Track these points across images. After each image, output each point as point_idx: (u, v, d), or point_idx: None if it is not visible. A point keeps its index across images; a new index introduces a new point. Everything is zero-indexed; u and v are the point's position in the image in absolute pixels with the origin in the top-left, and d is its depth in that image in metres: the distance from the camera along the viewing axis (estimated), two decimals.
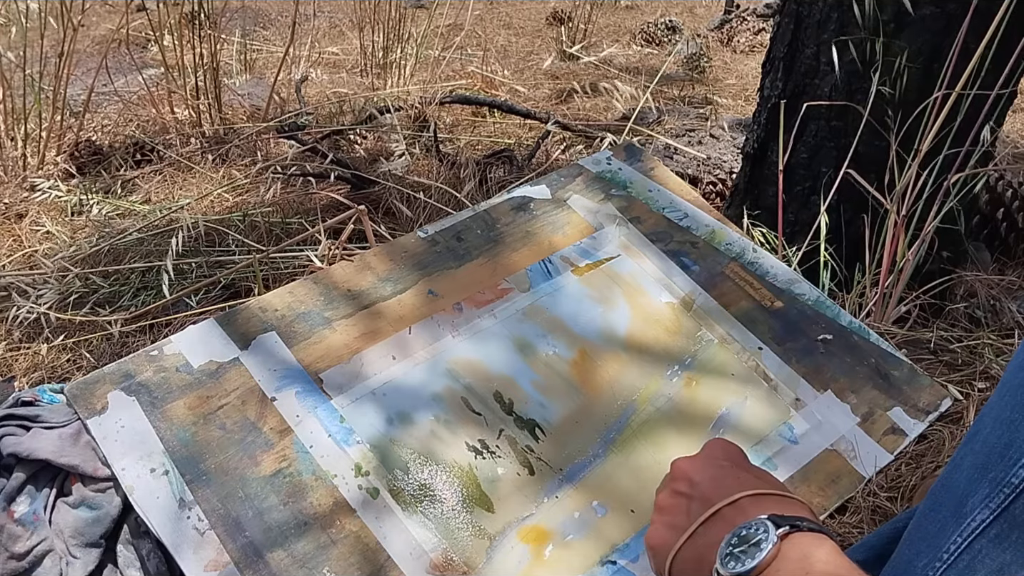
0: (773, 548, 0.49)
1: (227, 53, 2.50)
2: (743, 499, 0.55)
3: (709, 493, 0.56)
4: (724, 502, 0.55)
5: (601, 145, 1.81)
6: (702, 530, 0.55)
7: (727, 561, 0.51)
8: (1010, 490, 0.53)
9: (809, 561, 0.49)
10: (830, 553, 0.49)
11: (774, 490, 0.56)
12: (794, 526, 0.50)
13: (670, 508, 0.59)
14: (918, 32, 1.19)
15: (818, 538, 0.50)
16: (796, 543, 0.50)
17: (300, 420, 0.76)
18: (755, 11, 3.44)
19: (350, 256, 1.03)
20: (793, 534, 0.50)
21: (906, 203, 1.16)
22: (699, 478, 0.58)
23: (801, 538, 0.50)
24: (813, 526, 0.51)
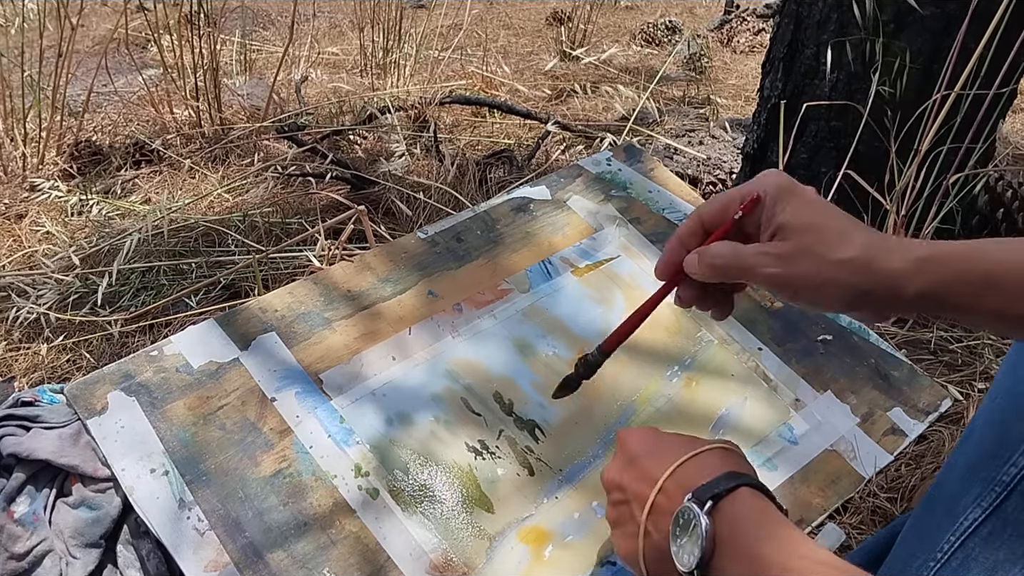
0: (710, 534, 0.51)
1: (227, 53, 2.50)
2: (666, 484, 0.56)
3: (637, 491, 0.57)
4: (652, 495, 0.56)
5: (601, 146, 1.81)
6: (651, 527, 0.56)
7: (680, 556, 0.53)
8: (1001, 488, 0.54)
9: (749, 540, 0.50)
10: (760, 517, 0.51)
11: (686, 454, 0.57)
12: (714, 496, 0.51)
13: (617, 519, 0.60)
14: (918, 32, 1.19)
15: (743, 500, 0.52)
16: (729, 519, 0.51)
17: (300, 420, 0.77)
18: (755, 11, 3.44)
19: (350, 256, 1.03)
20: (720, 506, 0.51)
21: (906, 203, 1.17)
22: (625, 480, 0.59)
23: (729, 509, 0.51)
24: (728, 485, 0.52)
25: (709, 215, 0.58)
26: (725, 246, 0.56)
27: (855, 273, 0.50)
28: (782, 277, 0.53)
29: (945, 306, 0.50)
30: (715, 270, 0.56)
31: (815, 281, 0.52)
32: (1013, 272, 0.48)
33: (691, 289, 0.61)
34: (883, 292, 0.51)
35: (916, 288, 0.50)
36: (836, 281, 0.51)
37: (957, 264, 0.49)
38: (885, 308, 0.52)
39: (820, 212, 0.53)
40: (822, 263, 0.51)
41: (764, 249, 0.54)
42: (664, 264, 0.61)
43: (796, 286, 0.53)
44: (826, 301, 0.53)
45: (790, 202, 0.54)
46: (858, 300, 0.52)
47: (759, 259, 0.53)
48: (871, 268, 0.50)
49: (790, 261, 0.52)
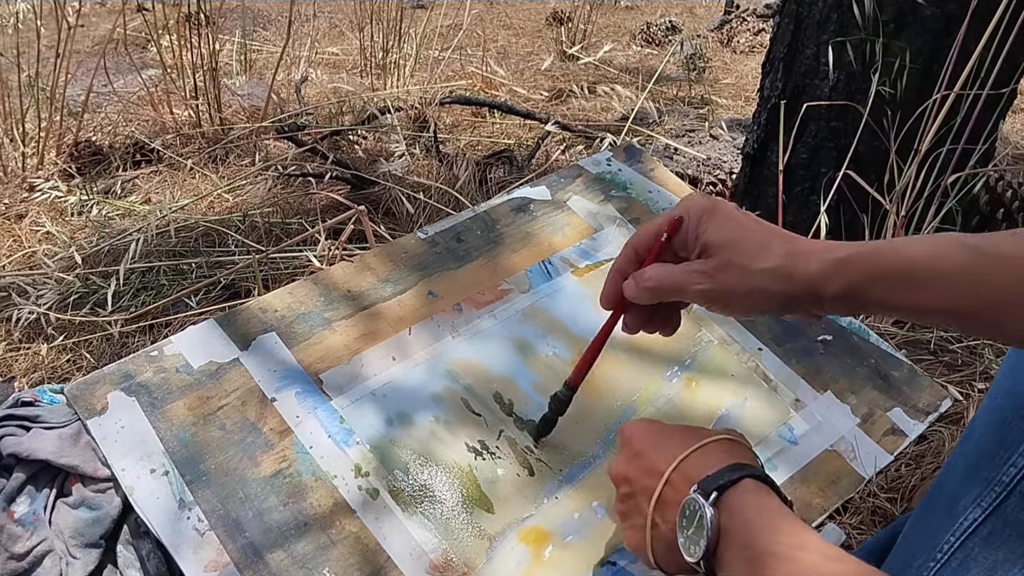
0: (715, 525, 0.51)
1: (226, 53, 2.50)
2: (672, 476, 0.57)
3: (644, 484, 0.58)
4: (659, 488, 0.57)
5: (601, 146, 1.81)
6: (658, 519, 0.57)
7: (688, 547, 0.53)
8: (1001, 489, 0.54)
9: (751, 531, 0.51)
10: (761, 508, 0.52)
11: (692, 446, 0.58)
12: (719, 488, 0.52)
13: (625, 513, 0.61)
14: (918, 32, 1.19)
15: (746, 491, 0.52)
16: (732, 510, 0.52)
17: (300, 421, 0.77)
18: (755, 11, 3.44)
19: (350, 257, 1.03)
20: (725, 498, 0.52)
21: (906, 203, 1.17)
22: (631, 474, 0.60)
23: (732, 500, 0.52)
24: (732, 476, 0.53)
25: (641, 243, 0.62)
26: (656, 268, 0.60)
27: (778, 281, 0.53)
28: (711, 292, 0.56)
29: (865, 303, 0.53)
30: (650, 292, 0.60)
31: (741, 291, 0.55)
32: (924, 267, 0.50)
33: (637, 315, 0.64)
34: (806, 295, 0.53)
35: (835, 288, 0.52)
36: (761, 290, 0.54)
37: (871, 263, 0.51)
38: (811, 308, 0.55)
39: (740, 226, 0.56)
40: (746, 274, 0.54)
41: (692, 267, 0.57)
42: (607, 294, 0.64)
43: (725, 299, 0.56)
44: (755, 309, 0.56)
45: (712, 220, 0.57)
46: (785, 305, 0.55)
47: (688, 277, 0.57)
48: (792, 274, 0.53)
49: (716, 276, 0.55)
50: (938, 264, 0.49)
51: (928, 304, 0.50)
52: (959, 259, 0.49)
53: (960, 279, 0.48)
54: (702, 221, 0.57)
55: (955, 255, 0.49)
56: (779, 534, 0.49)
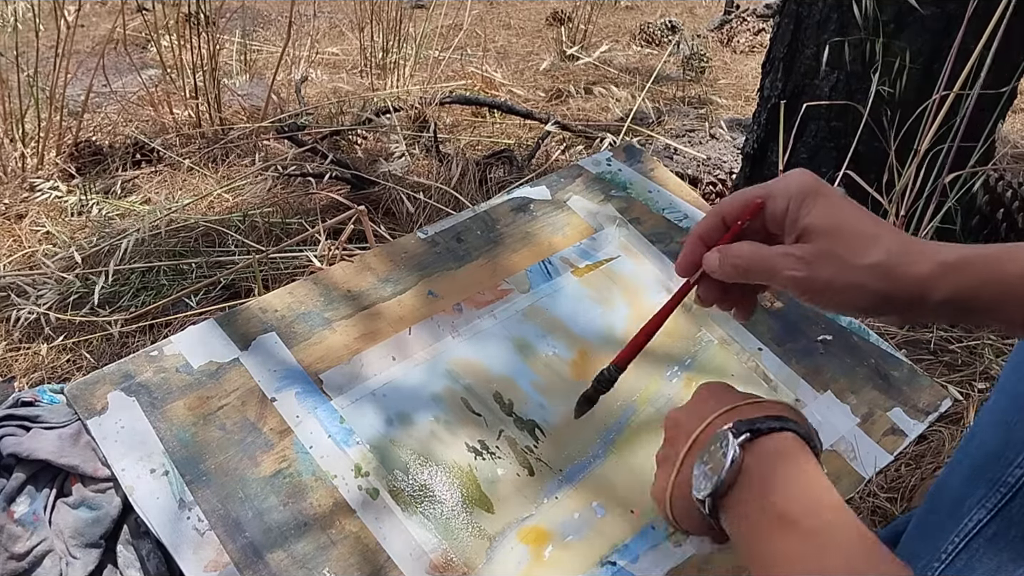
0: (736, 464, 0.48)
1: (226, 53, 2.50)
2: (716, 419, 0.54)
3: (690, 427, 0.56)
4: (699, 429, 0.54)
5: (601, 146, 1.81)
6: (686, 464, 0.54)
7: (699, 481, 0.50)
8: (1006, 490, 0.54)
9: (774, 481, 0.48)
10: (790, 456, 0.49)
11: (749, 401, 0.55)
12: (754, 430, 0.49)
13: (663, 459, 0.59)
14: (918, 32, 1.19)
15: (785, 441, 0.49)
16: (762, 456, 0.49)
17: (300, 421, 0.76)
18: (755, 11, 3.44)
19: (350, 256, 1.03)
20: (758, 441, 0.49)
21: (905, 203, 1.17)
22: (682, 418, 0.58)
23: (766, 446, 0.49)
24: (775, 425, 0.50)
25: (731, 211, 0.57)
26: (748, 246, 0.55)
27: (879, 278, 0.49)
28: (805, 281, 0.52)
29: (974, 312, 0.49)
30: (737, 270, 0.55)
31: (838, 285, 0.51)
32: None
33: (712, 289, 0.59)
34: (908, 297, 0.49)
35: (943, 294, 0.48)
36: (859, 286, 0.50)
37: (985, 269, 0.48)
38: (910, 313, 0.51)
39: (845, 214, 0.52)
40: (846, 267, 0.50)
41: (788, 251, 0.53)
42: (685, 261, 0.59)
43: (818, 290, 0.52)
44: (849, 305, 0.52)
45: (816, 203, 0.53)
46: (882, 305, 0.51)
47: (782, 261, 0.52)
48: (896, 273, 0.49)
49: (813, 264, 0.51)
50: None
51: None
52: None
53: None
54: (805, 202, 0.53)
55: None
56: (802, 487, 0.47)
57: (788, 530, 0.46)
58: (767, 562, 0.46)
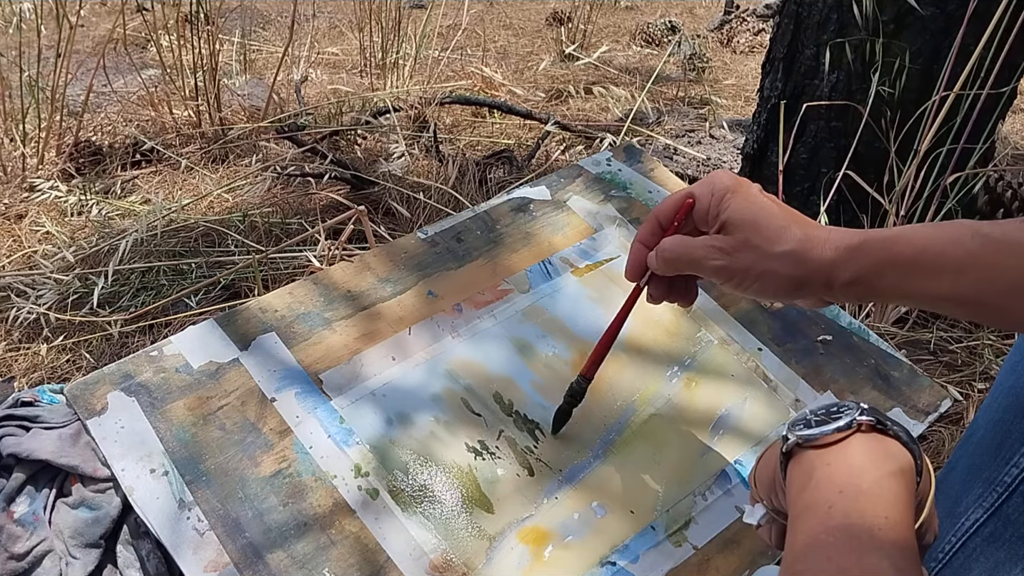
0: (844, 432, 0.47)
1: (226, 53, 2.50)
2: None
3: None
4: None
5: (601, 146, 1.81)
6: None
7: (797, 426, 0.49)
8: (1003, 489, 0.54)
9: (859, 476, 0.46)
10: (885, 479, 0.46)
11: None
12: (880, 422, 0.48)
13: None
14: (918, 32, 1.19)
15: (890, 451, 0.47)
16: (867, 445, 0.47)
17: (300, 421, 0.76)
18: (755, 11, 3.44)
19: (350, 257, 1.03)
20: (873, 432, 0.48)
21: (905, 203, 1.17)
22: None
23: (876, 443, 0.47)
24: (905, 438, 0.48)
25: (663, 214, 0.63)
26: (673, 240, 0.61)
27: (791, 265, 0.54)
28: (726, 269, 0.57)
29: (876, 290, 0.53)
30: (667, 263, 0.61)
31: (755, 272, 0.56)
32: (936, 254, 0.50)
33: (659, 286, 0.65)
34: (818, 281, 0.54)
35: (847, 275, 0.52)
36: (775, 272, 0.55)
37: (883, 250, 0.52)
38: (822, 295, 0.55)
39: (761, 208, 0.57)
40: (762, 256, 0.55)
41: (710, 243, 0.58)
42: (631, 265, 0.66)
43: (739, 277, 0.57)
44: (767, 291, 0.57)
45: (733, 199, 0.57)
46: (796, 290, 0.55)
47: (705, 252, 0.58)
48: (806, 259, 0.53)
49: (733, 255, 0.56)
50: (949, 251, 0.49)
51: (939, 291, 0.50)
52: (970, 246, 0.48)
53: (971, 266, 0.48)
54: (725, 198, 0.58)
55: (967, 242, 0.49)
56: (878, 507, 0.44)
57: (841, 520, 0.44)
58: (800, 549, 0.44)
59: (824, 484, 0.46)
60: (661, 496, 0.77)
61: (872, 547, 0.42)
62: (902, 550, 0.43)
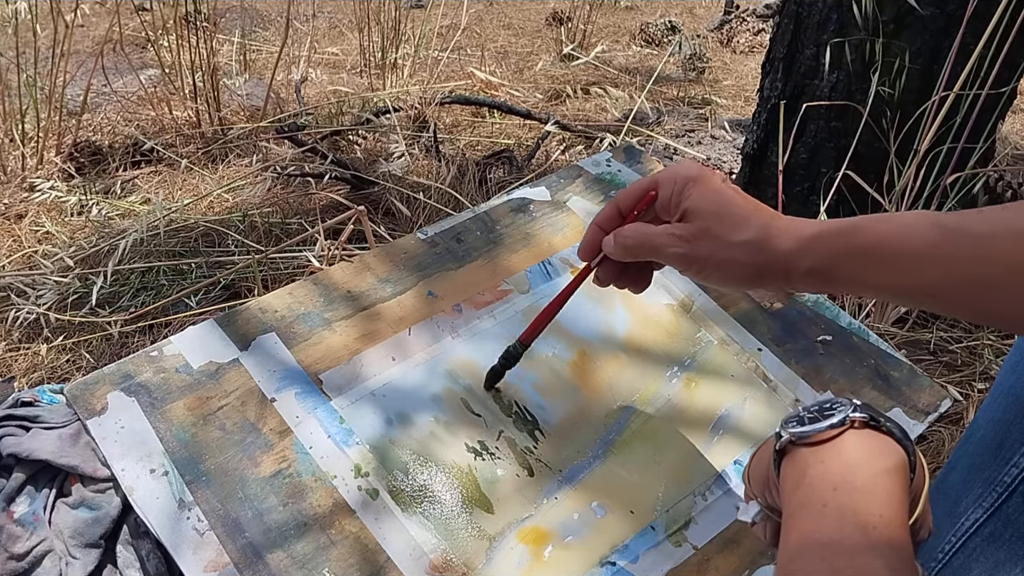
0: (838, 429, 0.47)
1: (226, 53, 2.50)
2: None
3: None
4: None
5: (600, 146, 1.81)
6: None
7: (791, 423, 0.49)
8: (1003, 489, 0.54)
9: (852, 473, 0.45)
10: (879, 476, 0.45)
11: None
12: (874, 419, 0.47)
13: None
14: (918, 32, 1.19)
15: (884, 448, 0.47)
16: (861, 442, 0.47)
17: (300, 421, 0.76)
18: (755, 11, 3.44)
19: (350, 257, 1.03)
20: (867, 429, 0.47)
21: (905, 203, 1.17)
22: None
23: (869, 439, 0.47)
24: (898, 434, 0.48)
25: (624, 202, 0.63)
26: (635, 227, 0.61)
27: (751, 254, 0.54)
28: (686, 257, 0.57)
29: (834, 281, 0.53)
30: (626, 249, 0.61)
31: (714, 261, 0.56)
32: (894, 245, 0.50)
33: (609, 270, 0.66)
34: (777, 271, 0.54)
35: (806, 265, 0.53)
36: (734, 261, 0.55)
37: (841, 240, 0.52)
38: (782, 285, 0.55)
39: (722, 198, 0.57)
40: (721, 244, 0.55)
41: (670, 230, 0.58)
42: (585, 246, 0.66)
43: (699, 265, 0.57)
44: (726, 279, 0.57)
45: (695, 188, 0.58)
46: (756, 279, 0.55)
47: (665, 239, 0.58)
48: (765, 249, 0.54)
49: (692, 243, 0.56)
50: (907, 242, 0.49)
51: (899, 283, 0.50)
52: (929, 237, 0.48)
53: (930, 257, 0.48)
54: (687, 188, 0.58)
55: (925, 233, 0.48)
56: (876, 503, 0.44)
57: (835, 518, 0.44)
58: (793, 548, 0.44)
59: (818, 482, 0.46)
60: (661, 496, 0.77)
61: (866, 546, 0.42)
62: (896, 549, 0.42)
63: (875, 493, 0.45)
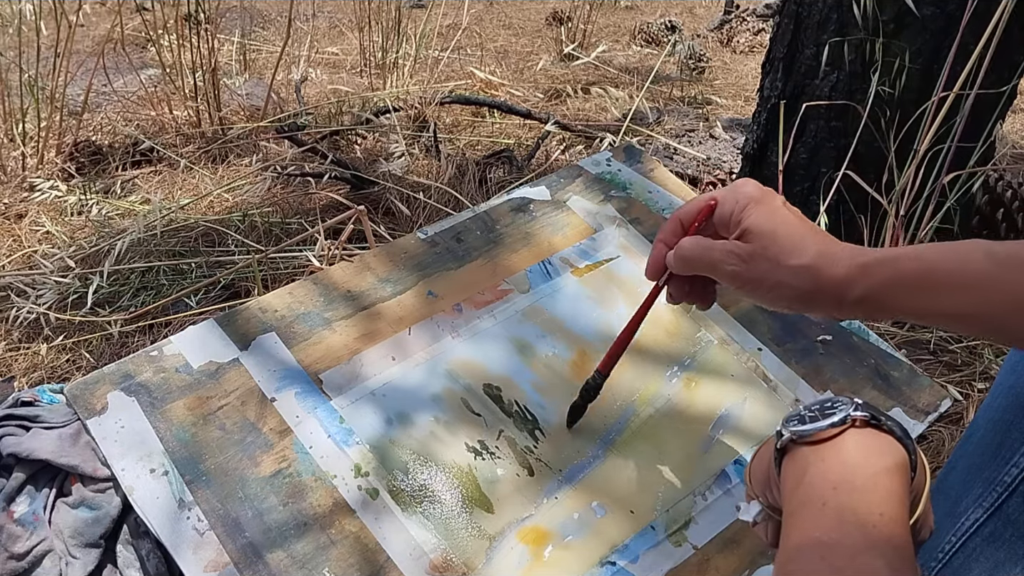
0: (838, 427, 0.47)
1: (226, 53, 2.50)
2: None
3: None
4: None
5: (600, 146, 1.81)
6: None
7: (791, 422, 0.50)
8: (1003, 489, 0.54)
9: (852, 472, 0.46)
10: (880, 475, 0.46)
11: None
12: (875, 417, 0.48)
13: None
14: (918, 32, 1.19)
15: (884, 447, 0.47)
16: (861, 441, 0.47)
17: (300, 421, 0.76)
18: (755, 11, 3.44)
19: (350, 257, 1.03)
20: (868, 428, 0.48)
21: (905, 203, 1.17)
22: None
23: (870, 438, 0.47)
24: (899, 433, 0.48)
25: (686, 216, 0.64)
26: (694, 240, 0.61)
27: (804, 279, 0.55)
28: (740, 275, 0.57)
29: (886, 308, 0.54)
30: (684, 263, 0.61)
31: (768, 282, 0.56)
32: (945, 272, 0.51)
33: (677, 286, 0.65)
34: (829, 297, 0.54)
35: (857, 292, 0.53)
36: (787, 284, 0.55)
37: (893, 268, 0.52)
38: (832, 311, 0.56)
39: (781, 220, 0.57)
40: (776, 267, 0.56)
41: (728, 247, 0.58)
42: (651, 264, 0.66)
43: (752, 285, 0.57)
44: (778, 301, 0.57)
45: (756, 209, 0.58)
46: (806, 302, 0.56)
47: (722, 256, 0.58)
48: (819, 275, 0.54)
49: (749, 261, 0.57)
50: (959, 269, 0.50)
51: (949, 309, 0.50)
52: (981, 265, 0.49)
53: (981, 285, 0.49)
54: (748, 207, 0.58)
55: (977, 261, 0.49)
56: (877, 500, 0.44)
57: (834, 517, 0.44)
58: (793, 547, 0.44)
59: (818, 480, 0.46)
60: (661, 496, 0.77)
61: (866, 546, 0.42)
62: (896, 548, 0.42)
63: (875, 491, 0.45)
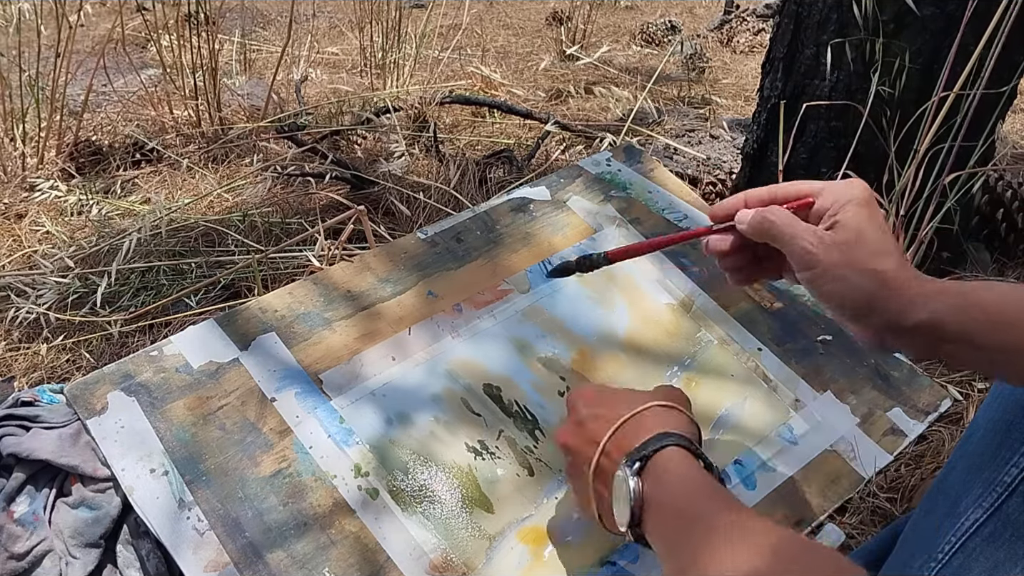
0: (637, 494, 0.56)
1: (226, 53, 2.49)
2: (607, 447, 0.61)
3: (585, 452, 0.63)
4: (595, 459, 0.61)
5: (601, 146, 1.81)
6: (599, 487, 0.61)
7: (620, 516, 0.58)
8: (1002, 489, 0.54)
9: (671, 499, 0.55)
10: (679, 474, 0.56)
11: (626, 415, 0.62)
12: (643, 458, 0.57)
13: (573, 478, 0.66)
14: (918, 32, 1.19)
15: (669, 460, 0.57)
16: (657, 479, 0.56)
17: (300, 421, 0.77)
18: (755, 11, 3.43)
19: (350, 257, 1.03)
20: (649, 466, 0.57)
21: (905, 203, 1.16)
22: (573, 443, 0.65)
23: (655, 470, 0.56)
24: (656, 446, 0.57)
25: (784, 195, 0.63)
26: (782, 210, 0.60)
27: (872, 284, 0.55)
28: (812, 255, 0.57)
29: (945, 337, 0.54)
30: (764, 224, 0.60)
31: (837, 273, 0.56)
32: (1014, 305, 0.52)
33: (724, 243, 0.64)
34: (889, 311, 0.54)
35: (920, 316, 0.53)
36: (852, 282, 0.55)
37: (958, 296, 0.53)
38: (884, 329, 0.56)
39: (873, 225, 0.57)
40: (850, 261, 0.56)
41: (813, 228, 0.58)
42: (721, 211, 0.64)
43: (819, 269, 0.57)
44: (837, 296, 0.57)
45: (857, 208, 0.58)
46: (864, 309, 0.56)
47: (805, 232, 0.58)
48: (886, 283, 0.54)
49: (827, 247, 0.57)
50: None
51: (1012, 343, 0.51)
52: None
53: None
54: (847, 205, 0.58)
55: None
56: (704, 501, 0.53)
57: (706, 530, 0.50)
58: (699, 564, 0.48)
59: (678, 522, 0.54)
60: None
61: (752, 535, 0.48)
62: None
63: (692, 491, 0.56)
